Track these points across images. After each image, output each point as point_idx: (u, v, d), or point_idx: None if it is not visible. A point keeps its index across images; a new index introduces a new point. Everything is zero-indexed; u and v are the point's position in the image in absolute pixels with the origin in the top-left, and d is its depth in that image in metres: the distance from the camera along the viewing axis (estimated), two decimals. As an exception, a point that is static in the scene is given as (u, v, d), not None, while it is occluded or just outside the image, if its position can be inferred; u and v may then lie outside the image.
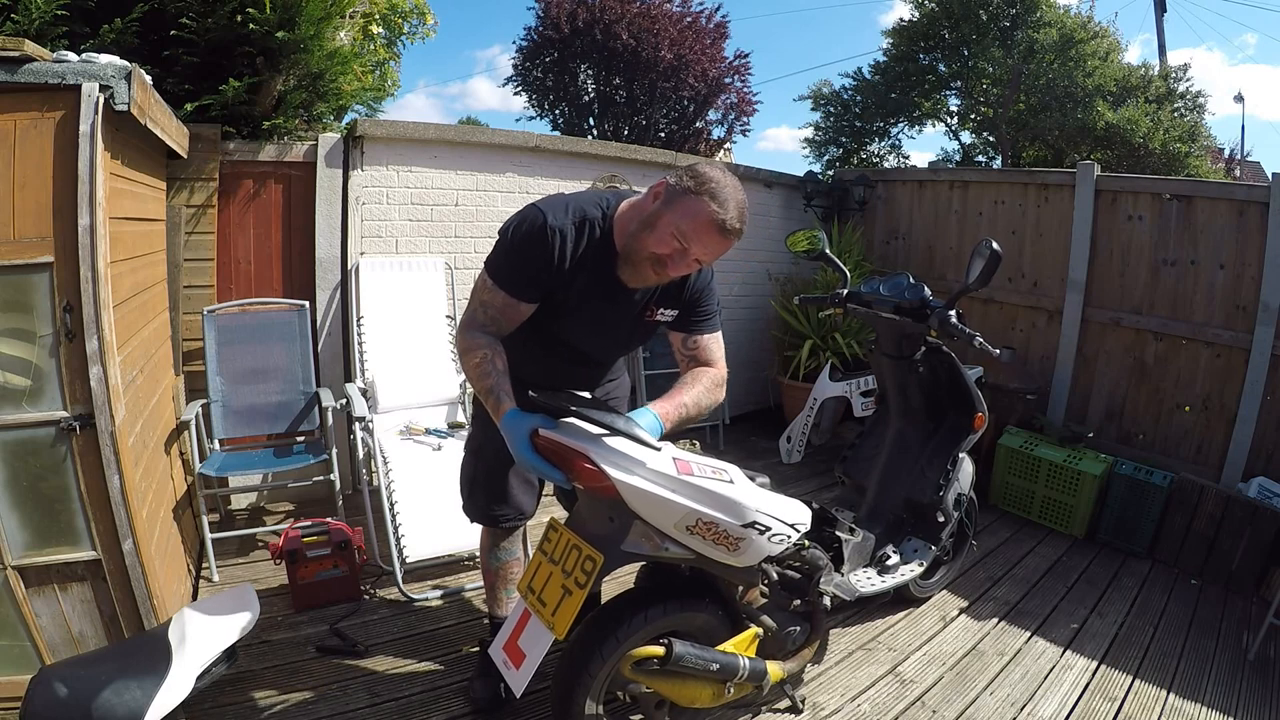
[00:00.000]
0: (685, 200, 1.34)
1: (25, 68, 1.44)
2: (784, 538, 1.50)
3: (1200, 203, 3.31)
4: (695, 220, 1.33)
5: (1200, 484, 3.01)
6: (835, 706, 1.95)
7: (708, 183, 1.34)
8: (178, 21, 2.56)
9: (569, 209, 1.42)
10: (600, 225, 1.43)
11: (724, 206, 1.33)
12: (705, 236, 1.34)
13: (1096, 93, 7.61)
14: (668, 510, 1.34)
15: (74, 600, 1.63)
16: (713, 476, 1.40)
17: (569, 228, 1.40)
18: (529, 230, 1.38)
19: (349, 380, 3.00)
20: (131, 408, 1.76)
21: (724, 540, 1.41)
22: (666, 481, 1.33)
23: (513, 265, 1.40)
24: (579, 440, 1.30)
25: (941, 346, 2.37)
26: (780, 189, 4.71)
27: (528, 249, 1.38)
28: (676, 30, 10.00)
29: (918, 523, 2.44)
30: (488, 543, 1.89)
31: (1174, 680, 2.19)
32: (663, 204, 1.36)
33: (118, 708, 1.39)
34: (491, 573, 1.91)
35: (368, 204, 3.10)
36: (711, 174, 1.36)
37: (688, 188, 1.34)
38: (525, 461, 1.29)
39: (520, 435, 1.30)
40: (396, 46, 4.07)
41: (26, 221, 1.48)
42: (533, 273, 1.40)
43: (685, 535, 1.38)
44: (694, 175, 1.36)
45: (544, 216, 1.38)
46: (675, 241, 1.35)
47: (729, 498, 1.39)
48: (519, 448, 1.30)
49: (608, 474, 1.26)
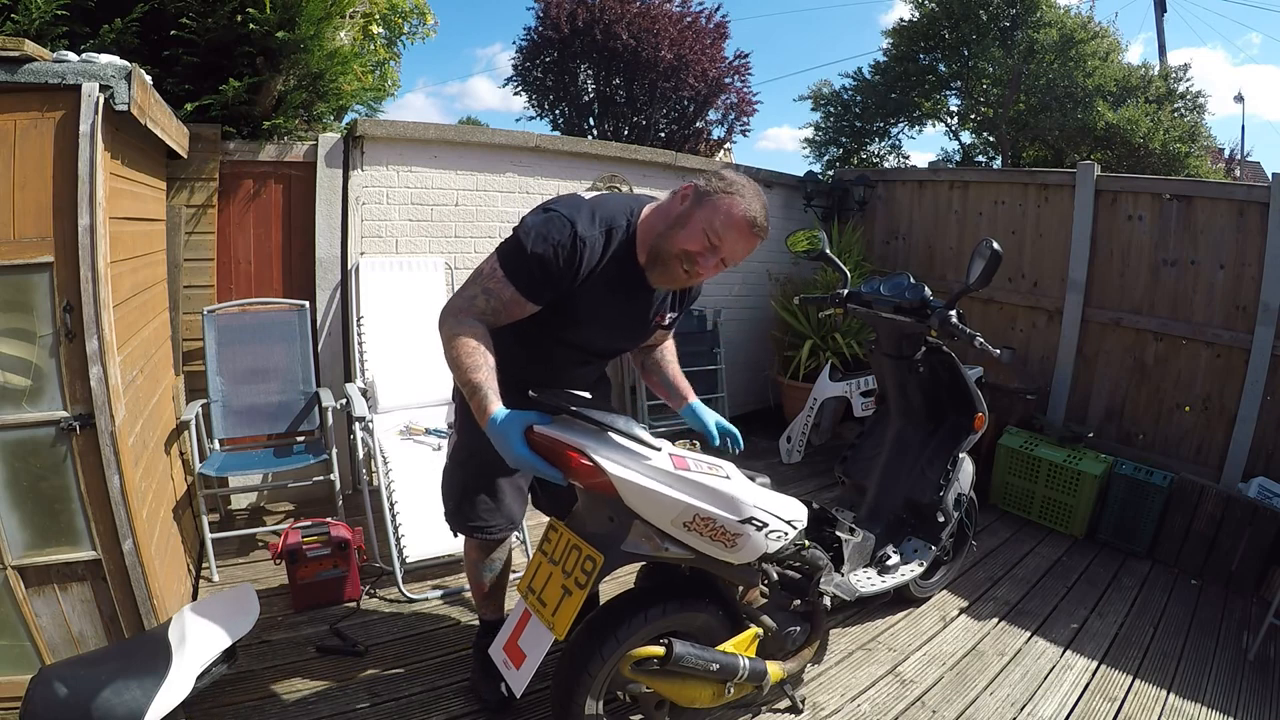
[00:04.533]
0: (716, 199, 1.39)
1: (25, 68, 1.44)
2: (781, 534, 1.50)
3: (1200, 203, 3.31)
4: (728, 217, 1.38)
5: (1200, 484, 3.02)
6: (835, 706, 1.95)
7: (735, 184, 1.40)
8: (178, 21, 2.56)
9: (596, 218, 1.42)
10: (625, 233, 1.45)
11: (751, 204, 1.40)
12: (736, 234, 1.39)
13: (1096, 93, 7.60)
14: (665, 506, 1.34)
15: (74, 600, 1.63)
16: (709, 472, 1.40)
17: (598, 238, 1.41)
18: (559, 239, 1.36)
19: (349, 380, 3.00)
20: (131, 408, 1.76)
21: (721, 536, 1.41)
22: (663, 477, 1.33)
23: (534, 267, 1.36)
24: (575, 436, 1.30)
25: (942, 346, 2.37)
26: (780, 189, 4.71)
27: (555, 256, 1.36)
28: (676, 30, 9.98)
29: (918, 523, 2.44)
30: (476, 556, 1.84)
31: (1174, 680, 2.19)
32: (693, 204, 1.41)
33: (118, 708, 1.39)
34: (483, 584, 1.87)
35: (368, 204, 3.10)
36: (738, 178, 1.43)
37: (718, 189, 1.39)
38: (521, 459, 1.26)
39: (515, 433, 1.27)
40: (396, 46, 4.07)
41: (26, 221, 1.48)
42: (553, 280, 1.38)
43: (682, 531, 1.38)
44: (721, 178, 1.41)
45: (573, 226, 1.37)
46: (706, 239, 1.39)
47: (726, 493, 1.39)
48: (515, 445, 1.26)
49: (604, 469, 1.26)
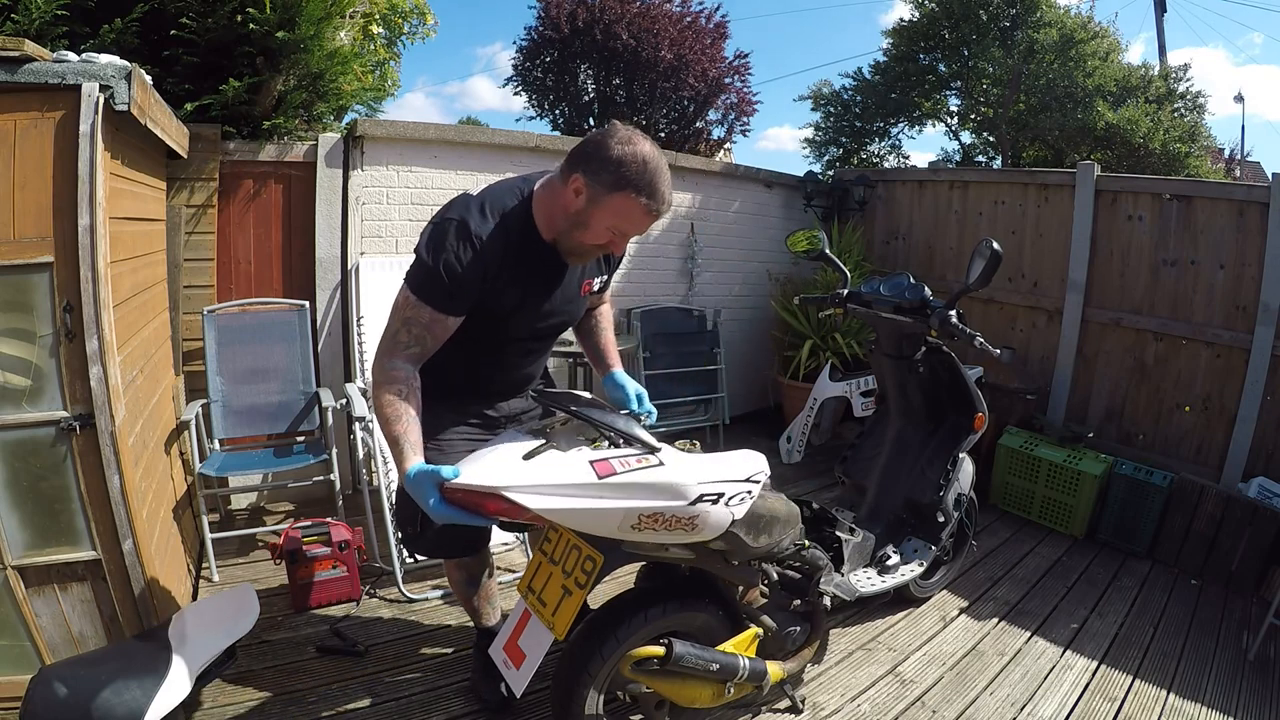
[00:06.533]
0: (612, 200, 1.32)
1: (25, 68, 1.44)
2: (743, 495, 1.41)
3: (1200, 203, 3.31)
4: (625, 215, 1.35)
5: (1200, 484, 3.01)
6: (835, 706, 1.95)
7: (628, 173, 1.30)
8: (178, 21, 2.56)
9: (486, 210, 1.37)
10: (521, 216, 1.41)
11: (652, 194, 1.32)
12: (638, 222, 1.38)
13: (1096, 93, 7.59)
14: (604, 518, 1.26)
15: (74, 600, 1.63)
16: (639, 467, 1.31)
17: (493, 230, 1.36)
18: (454, 243, 1.33)
19: (349, 380, 3.00)
20: (131, 408, 1.76)
21: (679, 525, 1.33)
22: (590, 491, 1.24)
23: (440, 280, 1.33)
24: (486, 479, 1.21)
25: (942, 346, 2.37)
26: (780, 189, 4.71)
27: (456, 261, 1.32)
28: (676, 30, 9.98)
29: (918, 523, 2.44)
30: (458, 575, 1.81)
31: (1174, 680, 2.19)
32: (588, 202, 1.34)
33: (118, 708, 1.39)
34: (470, 600, 1.85)
35: (368, 204, 3.10)
36: (628, 157, 1.30)
37: (608, 183, 1.31)
38: (439, 515, 1.20)
39: (429, 491, 1.20)
40: (396, 46, 4.07)
41: (26, 221, 1.48)
42: (462, 284, 1.34)
43: (636, 534, 1.31)
44: (609, 166, 1.30)
45: (465, 224, 1.34)
46: (610, 234, 1.38)
47: (663, 483, 1.30)
48: (430, 504, 1.20)
49: (526, 506, 1.19)
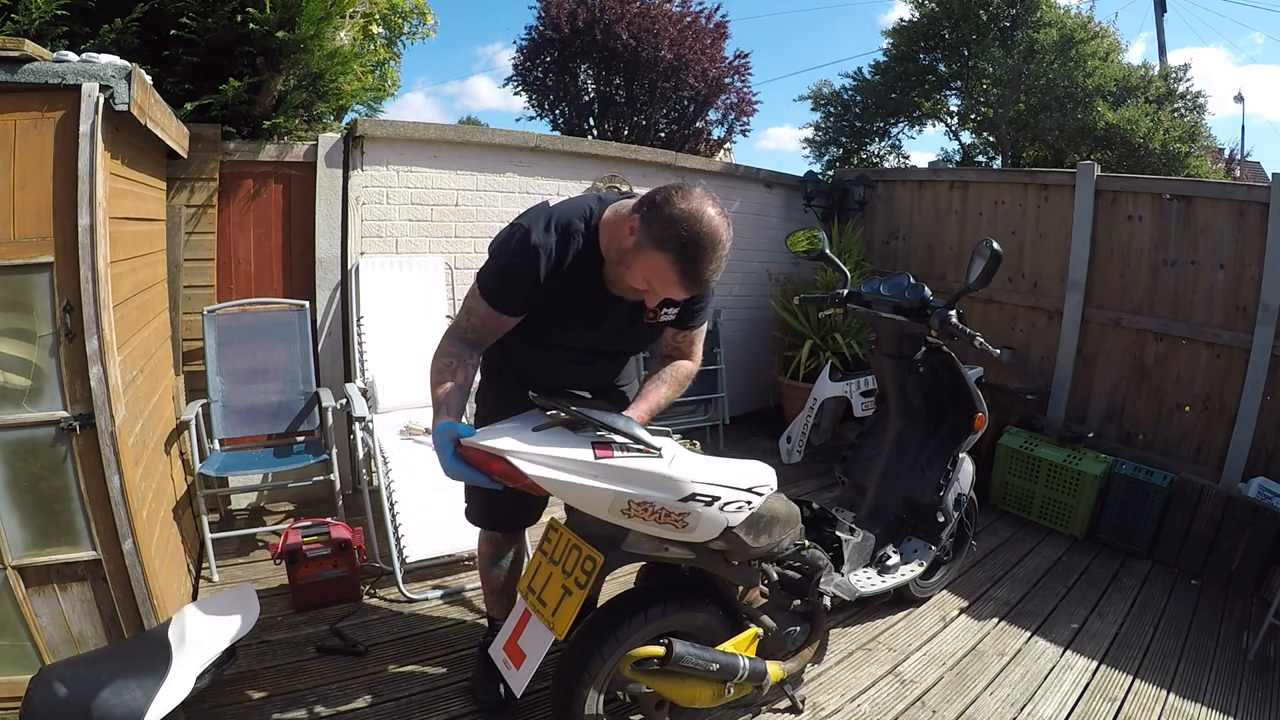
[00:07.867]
0: (652, 255, 1.31)
1: (25, 68, 1.44)
2: (741, 504, 1.43)
3: (1200, 203, 3.31)
4: (661, 278, 1.33)
5: (1200, 484, 3.02)
6: (835, 706, 1.95)
7: (674, 236, 1.27)
8: (178, 21, 2.56)
9: (552, 223, 1.43)
10: (584, 235, 1.45)
11: (688, 270, 1.29)
12: (671, 290, 1.35)
13: (1096, 93, 7.59)
14: (595, 497, 1.31)
15: (74, 600, 1.63)
16: (638, 455, 1.35)
17: (551, 244, 1.42)
18: (513, 248, 1.42)
19: (349, 380, 3.00)
20: (131, 408, 1.76)
21: (667, 519, 1.36)
22: (584, 469, 1.30)
23: (497, 280, 1.46)
24: (496, 443, 1.29)
25: (942, 346, 2.37)
26: (780, 189, 4.71)
27: (511, 266, 1.43)
28: (676, 30, 9.97)
29: (918, 523, 2.44)
30: (488, 550, 1.89)
31: (1174, 680, 2.19)
32: (634, 248, 1.34)
33: (117, 708, 1.39)
34: (493, 579, 1.91)
35: (368, 204, 3.10)
36: (683, 221, 1.27)
37: (654, 237, 1.29)
38: (450, 469, 1.32)
39: (446, 446, 1.32)
40: (396, 46, 4.07)
41: (26, 221, 1.47)
42: (515, 288, 1.45)
43: (624, 519, 1.35)
44: (662, 222, 1.28)
45: (527, 234, 1.41)
46: (646, 283, 1.37)
47: (658, 474, 1.33)
48: (444, 457, 1.32)
49: (523, 472, 1.26)
